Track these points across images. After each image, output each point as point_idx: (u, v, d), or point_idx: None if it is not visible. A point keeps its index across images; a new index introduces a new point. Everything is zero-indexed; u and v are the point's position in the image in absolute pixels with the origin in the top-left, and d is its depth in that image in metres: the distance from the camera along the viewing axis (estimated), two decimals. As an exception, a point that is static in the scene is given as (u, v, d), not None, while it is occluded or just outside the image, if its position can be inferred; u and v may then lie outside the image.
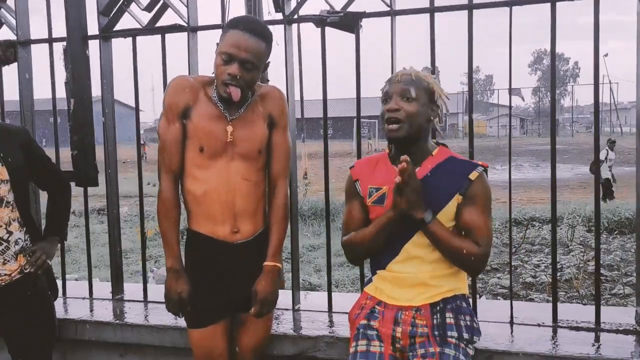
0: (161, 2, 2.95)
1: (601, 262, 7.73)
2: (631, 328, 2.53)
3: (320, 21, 2.74)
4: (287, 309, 2.92)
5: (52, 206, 2.69)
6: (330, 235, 2.91)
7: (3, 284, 2.48)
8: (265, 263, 2.33)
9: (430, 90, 2.11)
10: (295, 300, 2.95)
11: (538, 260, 8.21)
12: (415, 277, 2.12)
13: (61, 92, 3.14)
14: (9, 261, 2.49)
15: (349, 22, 2.71)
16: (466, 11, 2.56)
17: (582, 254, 8.12)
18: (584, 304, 6.02)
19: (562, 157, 26.42)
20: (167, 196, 2.32)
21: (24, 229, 2.54)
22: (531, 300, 6.60)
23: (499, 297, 6.71)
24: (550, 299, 2.68)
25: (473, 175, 2.09)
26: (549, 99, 2.54)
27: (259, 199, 2.37)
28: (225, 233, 2.31)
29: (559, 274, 7.08)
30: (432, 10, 2.66)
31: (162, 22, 3.00)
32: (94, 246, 8.55)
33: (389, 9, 2.67)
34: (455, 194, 2.08)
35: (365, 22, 2.76)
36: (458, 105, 50.95)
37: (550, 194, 2.58)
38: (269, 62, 2.31)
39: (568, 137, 45.20)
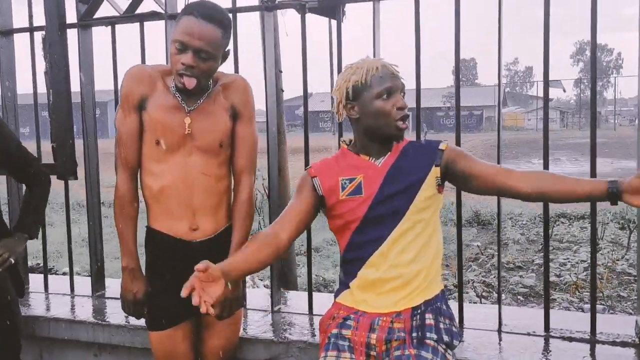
0: (139, -12, 2.83)
1: (630, 261, 7.39)
2: (630, 340, 2.31)
3: (300, 7, 2.58)
4: (265, 311, 2.79)
5: (26, 200, 2.57)
6: (311, 232, 2.76)
7: None
8: None
9: None
10: (275, 301, 2.81)
11: (565, 259, 7.89)
12: (398, 280, 1.97)
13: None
14: None
15: (329, 7, 2.55)
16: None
17: (612, 252, 7.78)
18: (608, 306, 5.75)
19: (602, 150, 25.61)
20: (122, 192, 2.20)
21: None
22: (554, 300, 6.34)
23: (519, 297, 6.46)
24: (576, 300, 2.47)
25: (443, 146, 2.00)
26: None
27: (222, 195, 2.23)
28: (184, 231, 2.19)
29: (584, 273, 6.79)
30: (417, -4, 2.47)
31: (141, 9, 2.89)
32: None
33: (370, -8, 2.50)
34: (431, 168, 1.97)
35: (353, 8, 2.60)
36: (495, 98, 49.99)
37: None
38: (229, 50, 2.17)
39: (610, 131, 43.89)
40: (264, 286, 5.81)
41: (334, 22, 2.62)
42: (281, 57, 4.88)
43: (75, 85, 3.00)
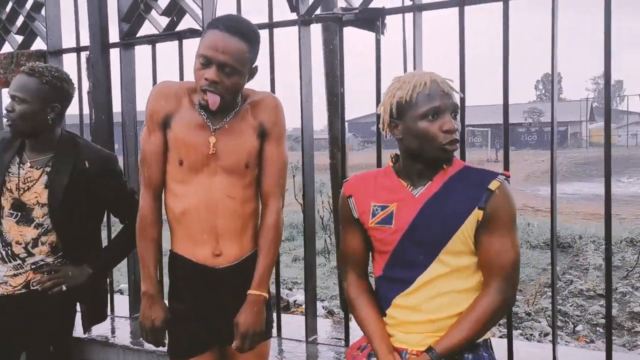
0: (178, 6, 2.79)
1: None
2: None
3: (337, 20, 2.44)
4: (300, 341, 2.63)
5: (117, 235, 2.53)
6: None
7: (6, 293, 2.36)
8: (249, 292, 2.06)
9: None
10: (310, 330, 2.65)
11: (652, 288, 7.30)
12: (427, 325, 1.76)
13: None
14: (20, 275, 2.37)
15: (367, 19, 2.40)
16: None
17: None
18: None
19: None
20: (144, 212, 2.12)
21: (60, 253, 2.38)
22: (637, 333, 5.83)
23: (599, 329, 5.98)
24: None
25: (493, 185, 1.71)
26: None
27: (247, 219, 2.10)
28: (206, 256, 2.07)
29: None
30: (461, 3, 2.28)
31: (181, 27, 2.84)
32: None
33: (411, 3, 2.33)
34: (473, 209, 1.71)
35: (392, 20, 2.44)
36: (581, 113, 47.91)
37: None
38: (257, 66, 2.05)
39: None
40: (323, 307, 5.66)
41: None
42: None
43: (117, 105, 2.99)
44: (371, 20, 2.41)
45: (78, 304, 2.54)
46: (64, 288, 2.34)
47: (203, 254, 2.07)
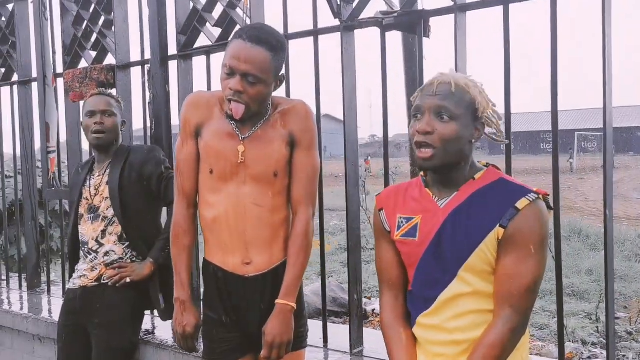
0: (229, 17, 2.83)
1: None
2: None
3: (379, 24, 2.38)
4: (345, 352, 2.58)
5: (165, 225, 2.76)
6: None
7: (82, 285, 2.72)
8: (277, 301, 2.05)
9: (474, 105, 1.62)
10: (354, 341, 2.58)
11: None
12: (452, 347, 1.65)
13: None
14: (96, 269, 2.72)
15: (408, 22, 2.32)
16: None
17: None
18: None
19: None
20: (177, 220, 2.17)
21: (126, 243, 2.72)
22: None
23: None
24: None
25: (521, 204, 1.57)
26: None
27: (277, 228, 2.10)
28: (236, 264, 2.09)
29: None
30: (506, 1, 2.15)
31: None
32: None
33: (452, 3, 2.23)
34: (494, 227, 1.58)
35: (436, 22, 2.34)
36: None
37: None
38: (283, 74, 2.04)
39: None
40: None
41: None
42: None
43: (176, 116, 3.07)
44: (413, 23, 2.33)
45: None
46: (128, 280, 2.66)
47: (233, 262, 2.09)
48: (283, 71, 2.04)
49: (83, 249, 2.75)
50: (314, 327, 2.42)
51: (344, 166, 2.51)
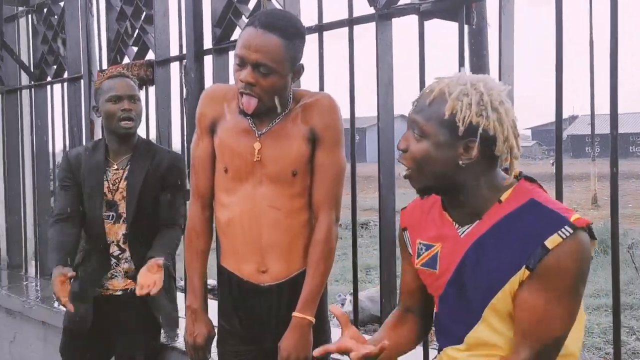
0: (263, 8, 2.68)
1: None
2: None
3: (417, 11, 2.16)
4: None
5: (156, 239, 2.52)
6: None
7: (105, 294, 2.56)
8: (293, 314, 1.87)
9: (452, 120, 1.33)
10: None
11: None
12: None
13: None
14: (115, 277, 2.56)
15: (449, 8, 2.09)
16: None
17: None
18: None
19: None
20: (191, 223, 2.03)
21: (126, 244, 2.56)
22: None
23: None
24: None
25: (552, 242, 1.28)
26: None
27: (296, 233, 1.92)
28: (251, 272, 1.93)
29: None
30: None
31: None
32: (339, 260, 8.50)
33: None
34: (520, 266, 1.32)
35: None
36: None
37: None
38: (301, 64, 1.86)
39: None
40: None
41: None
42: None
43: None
44: (454, 9, 2.10)
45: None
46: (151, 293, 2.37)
47: (248, 269, 1.93)
48: (302, 61, 1.86)
49: (105, 251, 2.54)
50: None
51: (377, 168, 2.30)
